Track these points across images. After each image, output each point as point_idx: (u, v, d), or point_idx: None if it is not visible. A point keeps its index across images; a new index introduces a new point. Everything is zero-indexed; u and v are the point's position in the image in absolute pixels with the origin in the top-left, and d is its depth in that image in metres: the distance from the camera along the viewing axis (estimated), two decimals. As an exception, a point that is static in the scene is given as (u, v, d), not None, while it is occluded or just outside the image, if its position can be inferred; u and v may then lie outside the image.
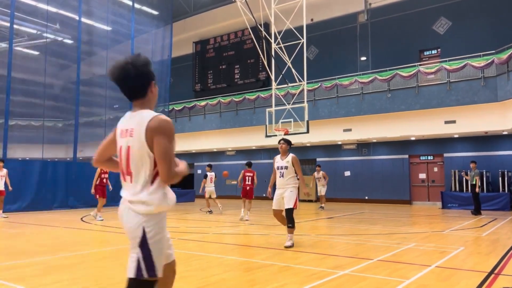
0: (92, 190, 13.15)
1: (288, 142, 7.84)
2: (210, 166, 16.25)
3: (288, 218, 7.39)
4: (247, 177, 13.37)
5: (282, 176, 7.59)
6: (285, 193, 7.46)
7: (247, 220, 12.43)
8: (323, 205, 17.59)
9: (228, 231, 10.39)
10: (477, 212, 14.65)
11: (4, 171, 14.06)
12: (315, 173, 17.87)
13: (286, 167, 7.57)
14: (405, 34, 21.47)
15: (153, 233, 2.33)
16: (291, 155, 7.67)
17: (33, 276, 5.21)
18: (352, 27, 23.16)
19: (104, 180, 13.27)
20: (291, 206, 7.34)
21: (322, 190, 17.77)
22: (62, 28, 20.49)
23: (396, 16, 21.84)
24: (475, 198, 14.78)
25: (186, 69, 29.71)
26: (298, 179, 7.65)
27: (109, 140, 2.70)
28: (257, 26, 17.70)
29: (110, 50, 21.92)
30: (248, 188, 13.21)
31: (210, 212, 15.47)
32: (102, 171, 13.09)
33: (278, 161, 7.75)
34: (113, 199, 19.72)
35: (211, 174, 15.79)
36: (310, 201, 23.07)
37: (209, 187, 15.73)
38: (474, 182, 14.74)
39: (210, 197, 15.79)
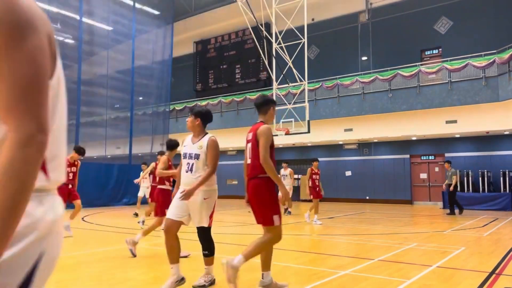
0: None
1: (200, 114, 4.73)
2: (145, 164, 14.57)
3: (204, 241, 4.74)
4: (314, 176, 12.19)
5: (191, 170, 4.57)
6: (196, 199, 4.54)
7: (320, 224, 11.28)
8: (289, 209, 15.45)
9: (229, 231, 10.38)
10: (460, 210, 14.60)
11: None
12: (282, 170, 15.45)
13: (197, 156, 4.59)
14: (406, 34, 21.44)
15: None
16: (208, 137, 4.67)
17: (34, 276, 5.20)
18: (353, 26, 23.14)
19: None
20: (205, 225, 4.62)
21: None
22: (63, 28, 20.47)
23: (397, 16, 21.81)
24: (452, 198, 14.68)
25: (187, 69, 29.71)
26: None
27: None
28: (258, 26, 17.69)
29: (111, 49, 21.93)
30: (317, 188, 12.13)
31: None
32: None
33: (187, 145, 4.75)
34: (114, 199, 19.85)
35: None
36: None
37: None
38: (451, 182, 14.71)
39: None
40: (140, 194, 14.18)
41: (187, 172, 4.62)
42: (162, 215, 6.79)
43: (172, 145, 7.14)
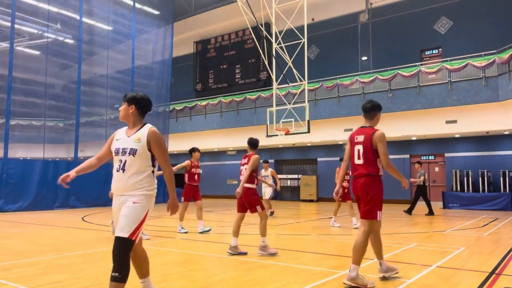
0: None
1: (135, 100, 3.77)
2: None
3: (117, 258, 3.72)
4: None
5: (123, 168, 3.66)
6: (126, 203, 3.67)
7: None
8: (272, 210, 14.16)
9: (229, 231, 10.37)
10: (430, 212, 14.48)
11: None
12: (262, 171, 13.60)
13: (133, 151, 3.62)
14: (406, 34, 21.45)
15: None
16: (147, 128, 3.70)
17: (33, 276, 5.20)
18: (353, 26, 23.14)
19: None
20: (125, 235, 3.58)
21: (267, 193, 13.64)
22: (63, 28, 20.48)
23: (397, 16, 21.81)
24: (424, 197, 14.70)
25: (187, 69, 29.71)
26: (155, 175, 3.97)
27: None
28: (258, 26, 17.69)
29: (111, 49, 21.92)
30: (346, 190, 11.17)
31: None
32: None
33: (120, 138, 3.76)
34: (109, 200, 19.79)
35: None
36: (311, 201, 23.07)
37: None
38: (421, 182, 14.71)
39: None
40: None
41: (118, 171, 3.69)
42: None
43: (254, 144, 7.26)
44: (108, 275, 3.40)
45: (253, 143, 7.24)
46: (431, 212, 14.44)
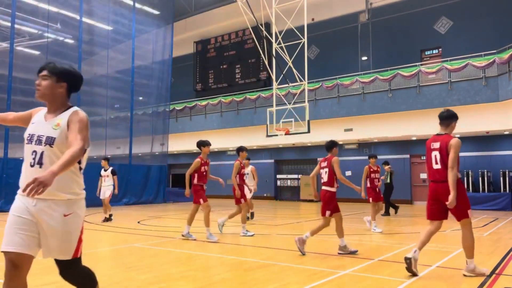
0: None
1: (68, 75, 3.11)
2: (107, 159, 12.47)
3: (75, 279, 3.18)
4: (373, 175, 10.46)
5: (40, 163, 2.79)
6: (52, 215, 2.81)
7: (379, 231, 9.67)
8: (252, 210, 12.96)
9: (229, 231, 10.37)
10: (386, 212, 14.14)
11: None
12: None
13: (50, 141, 2.83)
14: (406, 34, 21.45)
15: None
16: (72, 111, 2.96)
17: (33, 276, 5.20)
18: (353, 26, 23.14)
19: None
20: (68, 256, 2.95)
21: (249, 193, 11.96)
22: (63, 28, 20.47)
23: (397, 16, 21.81)
24: (387, 197, 14.20)
25: (187, 69, 29.71)
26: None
27: None
28: (258, 26, 17.69)
29: (111, 49, 21.92)
30: (377, 189, 10.38)
31: (108, 219, 12.39)
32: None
33: (36, 121, 2.97)
34: (114, 199, 19.80)
35: (105, 173, 12.38)
36: (311, 201, 23.06)
37: (105, 186, 12.30)
38: (387, 181, 14.38)
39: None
40: (105, 195, 12.22)
41: (33, 166, 2.79)
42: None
43: (330, 146, 7.21)
44: (108, 275, 3.38)
45: (329, 145, 7.24)
46: (387, 213, 14.13)
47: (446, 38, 20.46)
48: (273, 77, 18.52)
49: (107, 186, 12.22)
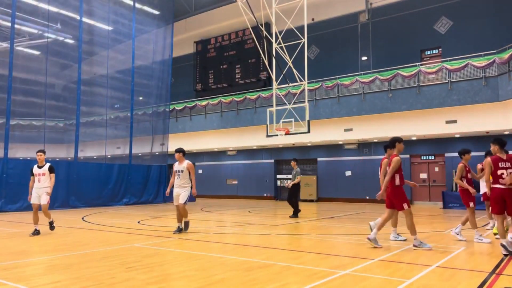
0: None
1: None
2: (42, 152, 9.53)
3: None
4: (469, 174, 9.24)
5: None
6: None
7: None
8: (187, 220, 9.86)
9: (229, 231, 10.38)
10: (295, 214, 13.35)
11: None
12: (176, 164, 9.58)
13: None
14: (406, 34, 21.45)
15: None
16: None
17: (33, 276, 5.21)
18: (353, 26, 23.14)
19: None
20: None
21: (182, 195, 9.51)
22: (63, 28, 20.49)
23: (397, 16, 21.82)
24: (295, 198, 13.47)
25: (187, 69, 29.72)
26: None
27: None
28: (258, 26, 17.69)
29: (111, 49, 21.94)
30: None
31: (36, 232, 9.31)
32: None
33: None
34: (114, 199, 19.84)
35: (40, 171, 9.38)
36: (311, 201, 23.06)
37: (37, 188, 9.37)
38: (296, 181, 13.48)
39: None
40: (41, 200, 9.28)
41: None
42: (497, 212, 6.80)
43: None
44: (108, 274, 3.38)
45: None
46: (295, 214, 13.36)
47: (446, 38, 20.46)
48: (273, 77, 18.52)
49: (42, 188, 9.24)
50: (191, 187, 9.44)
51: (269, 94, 21.73)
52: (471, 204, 8.75)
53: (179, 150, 9.53)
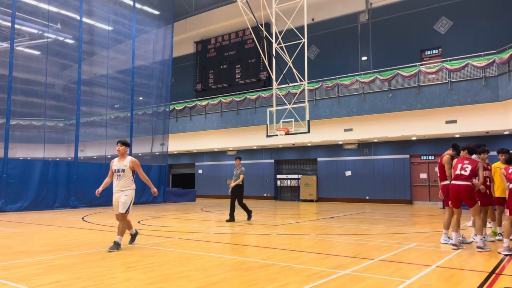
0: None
1: None
2: None
3: None
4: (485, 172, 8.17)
5: None
6: None
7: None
8: (134, 231, 8.78)
9: (229, 231, 10.38)
10: (232, 217, 12.32)
11: None
12: (115, 160, 7.73)
13: None
14: (406, 34, 21.45)
15: None
16: None
17: (33, 276, 5.21)
18: (353, 26, 23.15)
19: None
20: None
21: (122, 199, 7.95)
22: (63, 28, 20.49)
23: (397, 16, 21.82)
24: (240, 200, 12.48)
25: (187, 69, 29.73)
26: None
27: None
28: (258, 26, 17.69)
29: (111, 49, 21.93)
30: (489, 191, 8.22)
31: None
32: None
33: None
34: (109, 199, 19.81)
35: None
36: (311, 200, 23.07)
37: None
38: (239, 182, 12.62)
39: None
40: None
41: None
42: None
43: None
44: (108, 274, 3.38)
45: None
46: (249, 217, 12.64)
47: (446, 38, 20.47)
48: (273, 77, 18.52)
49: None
50: (134, 190, 7.65)
51: (269, 94, 21.74)
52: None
53: (123, 142, 7.36)
